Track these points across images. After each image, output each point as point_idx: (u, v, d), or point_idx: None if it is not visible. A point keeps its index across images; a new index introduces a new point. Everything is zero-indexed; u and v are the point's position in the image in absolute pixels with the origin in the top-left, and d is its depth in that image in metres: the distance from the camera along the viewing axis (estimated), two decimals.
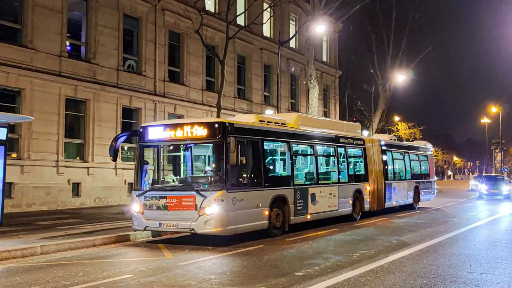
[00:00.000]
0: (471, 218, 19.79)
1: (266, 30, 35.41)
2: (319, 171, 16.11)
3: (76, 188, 22.46)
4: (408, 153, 23.29)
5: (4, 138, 13.50)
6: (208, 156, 13.58)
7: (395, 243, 12.41)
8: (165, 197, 12.10)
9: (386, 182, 20.33)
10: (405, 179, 22.56)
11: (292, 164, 14.67)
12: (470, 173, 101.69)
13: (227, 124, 12.08)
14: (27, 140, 20.49)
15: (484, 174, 61.67)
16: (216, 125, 12.05)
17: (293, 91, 39.39)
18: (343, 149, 17.73)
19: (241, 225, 12.21)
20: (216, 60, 26.45)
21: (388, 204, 20.47)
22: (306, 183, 15.50)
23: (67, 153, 22.41)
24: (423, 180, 24.58)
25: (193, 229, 11.75)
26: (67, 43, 22.75)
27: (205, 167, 13.72)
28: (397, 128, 54.12)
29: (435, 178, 28.56)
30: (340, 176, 17.39)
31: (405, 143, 26.73)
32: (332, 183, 16.92)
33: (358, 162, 19.12)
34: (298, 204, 14.45)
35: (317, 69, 32.16)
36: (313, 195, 15.28)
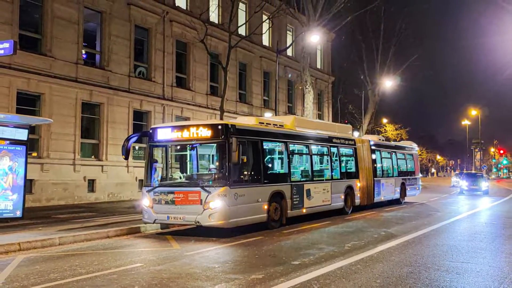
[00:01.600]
0: (453, 211, 19.76)
1: (265, 40, 35.40)
2: (313, 169, 16.11)
3: (91, 184, 22.48)
4: (395, 152, 23.27)
5: (25, 138, 13.52)
6: (212, 155, 13.55)
7: (383, 235, 12.40)
8: (172, 192, 12.11)
9: (375, 178, 20.32)
10: (393, 176, 22.54)
11: (289, 162, 14.66)
12: (452, 171, 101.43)
13: (230, 126, 12.07)
14: (46, 140, 20.50)
15: (464, 171, 61.53)
16: (220, 127, 12.05)
17: (290, 96, 39.36)
18: (335, 148, 17.73)
19: (242, 218, 12.20)
20: (219, 67, 26.41)
21: (377, 199, 20.46)
22: (302, 179, 15.47)
23: (83, 152, 22.41)
24: (409, 177, 24.55)
25: (198, 222, 11.76)
26: (83, 52, 22.77)
27: (209, 165, 13.69)
28: (385, 129, 54.19)
29: (420, 175, 28.52)
30: (333, 173, 17.39)
31: (393, 143, 26.69)
32: (326, 179, 16.93)
33: (349, 160, 19.12)
34: (294, 199, 14.44)
35: (312, 75, 32.09)
36: (308, 190, 15.27)
